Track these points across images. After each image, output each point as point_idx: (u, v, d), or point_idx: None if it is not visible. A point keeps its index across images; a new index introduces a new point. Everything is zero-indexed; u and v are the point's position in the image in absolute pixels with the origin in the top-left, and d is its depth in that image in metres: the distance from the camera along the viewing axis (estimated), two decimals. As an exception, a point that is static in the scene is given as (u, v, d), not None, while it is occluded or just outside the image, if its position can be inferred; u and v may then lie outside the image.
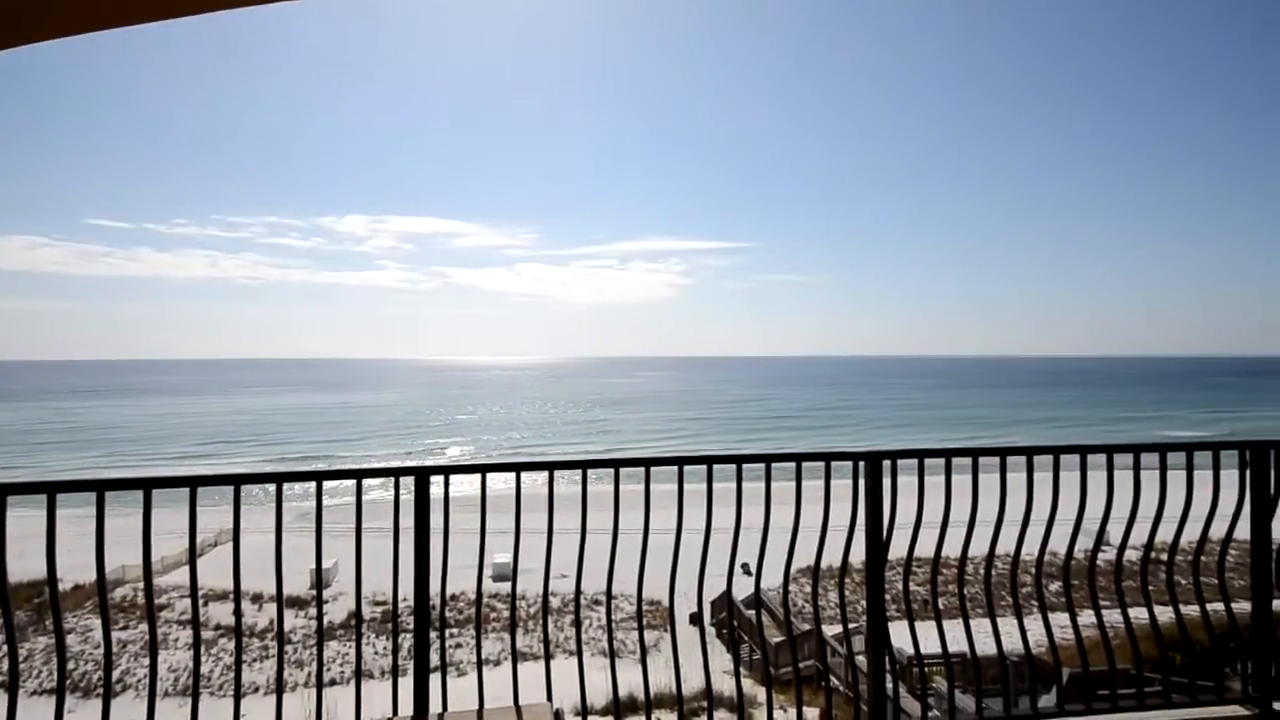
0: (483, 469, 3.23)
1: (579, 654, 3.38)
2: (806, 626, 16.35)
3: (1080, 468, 3.49)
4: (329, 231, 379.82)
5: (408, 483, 3.16)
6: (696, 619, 3.48)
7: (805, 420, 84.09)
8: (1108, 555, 3.91)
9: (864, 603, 3.55)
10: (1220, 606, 3.71)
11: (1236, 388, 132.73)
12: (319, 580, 2.94)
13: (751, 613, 18.90)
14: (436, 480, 3.16)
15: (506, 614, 22.48)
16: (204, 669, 19.08)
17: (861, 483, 3.42)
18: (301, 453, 61.22)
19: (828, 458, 3.44)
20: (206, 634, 21.29)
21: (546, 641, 3.48)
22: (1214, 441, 3.63)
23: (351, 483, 3.16)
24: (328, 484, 3.15)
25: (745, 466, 3.42)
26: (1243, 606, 3.67)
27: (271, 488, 3.08)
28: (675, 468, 3.37)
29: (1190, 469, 3.54)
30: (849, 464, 3.45)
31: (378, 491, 3.30)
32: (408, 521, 3.12)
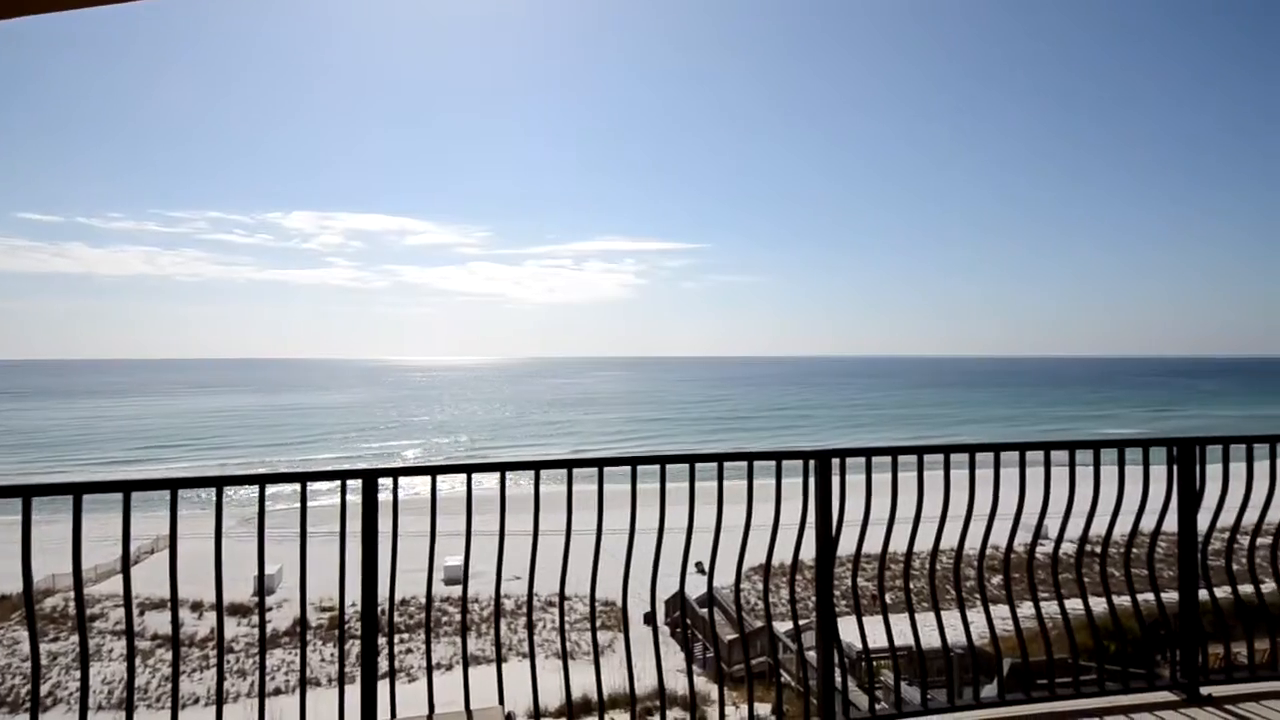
0: (432, 470, 3.17)
1: (531, 656, 3.36)
2: (759, 623, 16.53)
3: (1020, 464, 3.60)
4: (275, 228, 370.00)
5: (356, 486, 3.09)
6: (650, 619, 3.48)
7: (760, 420, 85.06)
8: (1046, 549, 4.05)
9: (815, 599, 3.61)
10: (1151, 596, 3.88)
11: (1173, 387, 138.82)
12: (261, 586, 2.85)
13: (705, 611, 19.03)
14: (385, 483, 3.10)
15: (459, 618, 22.24)
16: (141, 681, 18.36)
17: (812, 481, 3.46)
18: (244, 456, 59.38)
19: (779, 456, 3.48)
20: (143, 644, 20.48)
21: (499, 644, 3.45)
22: (1144, 439, 3.79)
23: (296, 487, 3.08)
24: (272, 488, 3.07)
25: (699, 466, 3.44)
26: (1172, 596, 3.84)
27: (211, 492, 2.97)
28: (629, 468, 3.37)
29: (1122, 465, 3.69)
30: (800, 462, 3.50)
31: (326, 497, 3.21)
32: (355, 525, 3.05)
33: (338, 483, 3.07)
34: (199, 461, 57.81)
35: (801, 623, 12.61)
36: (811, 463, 3.46)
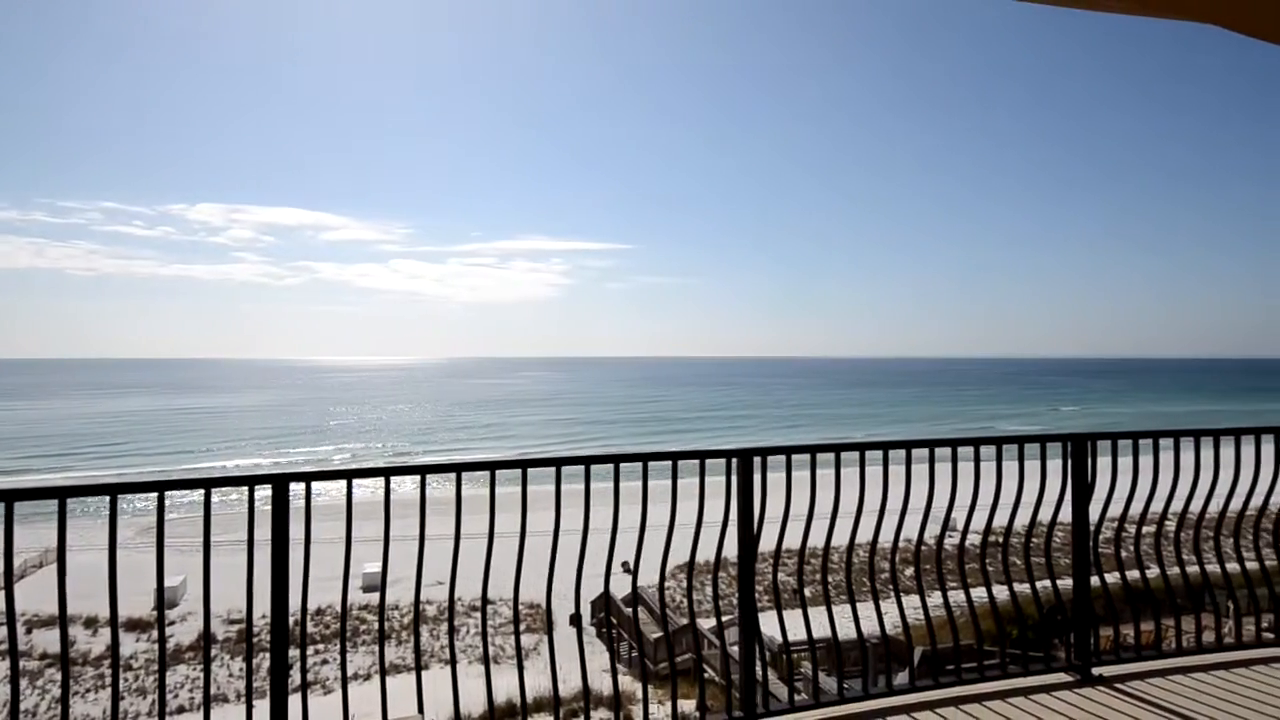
0: (348, 474, 3.07)
1: (452, 662, 3.29)
2: (684, 621, 16.71)
3: (929, 461, 3.76)
4: (178, 220, 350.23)
5: (266, 493, 2.96)
6: (576, 620, 3.47)
7: (687, 420, 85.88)
8: (954, 540, 4.24)
9: (737, 595, 3.67)
10: (1049, 583, 4.12)
11: (1074, 386, 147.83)
12: (160, 599, 2.69)
13: (631, 610, 19.10)
14: (297, 488, 2.98)
15: (377, 626, 21.59)
16: (29, 703, 17.06)
17: (734, 479, 3.53)
18: (143, 462, 55.94)
19: (702, 455, 3.53)
20: (31, 664, 19.03)
21: (418, 651, 3.36)
22: (1042, 435, 4.02)
23: (201, 494, 2.92)
24: (175, 495, 2.90)
25: (623, 466, 3.45)
26: (1067, 583, 4.09)
27: (105, 500, 2.79)
28: (554, 469, 3.35)
29: (1022, 460, 3.91)
30: (723, 461, 3.56)
31: (237, 505, 3.06)
32: (266, 533, 2.92)
33: (245, 489, 2.94)
34: (93, 470, 54.12)
35: (725, 619, 12.83)
36: (734, 461, 3.52)
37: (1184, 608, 4.47)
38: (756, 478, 3.53)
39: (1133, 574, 4.30)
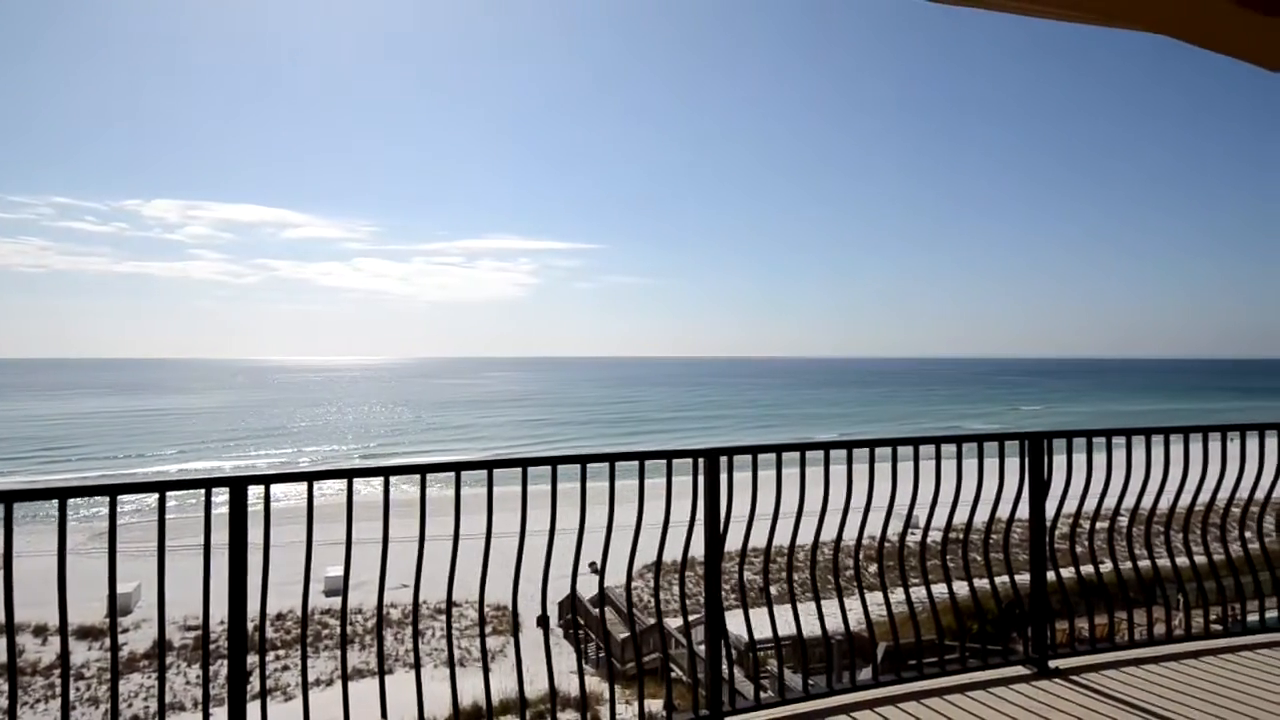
0: (309, 476, 3.02)
1: (416, 666, 3.25)
2: (651, 621, 16.74)
3: (892, 459, 3.82)
4: (132, 216, 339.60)
5: (223, 496, 2.90)
6: (542, 621, 3.46)
7: (656, 420, 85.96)
8: (916, 537, 4.31)
9: (704, 594, 3.69)
10: (1007, 579, 4.21)
11: (1037, 386, 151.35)
12: (112, 605, 2.61)
13: (598, 611, 19.08)
14: (256, 491, 2.92)
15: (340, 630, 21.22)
16: (-30, 718, 16.45)
17: (701, 479, 3.54)
18: (96, 466, 54.31)
19: (669, 455, 3.54)
20: (-26, 677, 18.35)
21: (380, 655, 3.31)
22: (1000, 434, 4.11)
23: (154, 497, 2.85)
24: (129, 500, 2.82)
25: (591, 466, 3.45)
26: (1025, 578, 4.19)
27: (54, 504, 2.70)
28: (520, 470, 3.33)
29: (981, 458, 3.99)
30: (689, 461, 3.57)
31: (195, 510, 2.98)
32: (224, 537, 2.86)
33: (202, 492, 2.87)
34: (43, 474, 52.33)
35: (691, 618, 12.88)
36: (700, 461, 3.54)
37: (1136, 601, 4.60)
38: (723, 477, 3.55)
39: (1087, 569, 4.42)
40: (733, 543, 3.70)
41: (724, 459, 3.56)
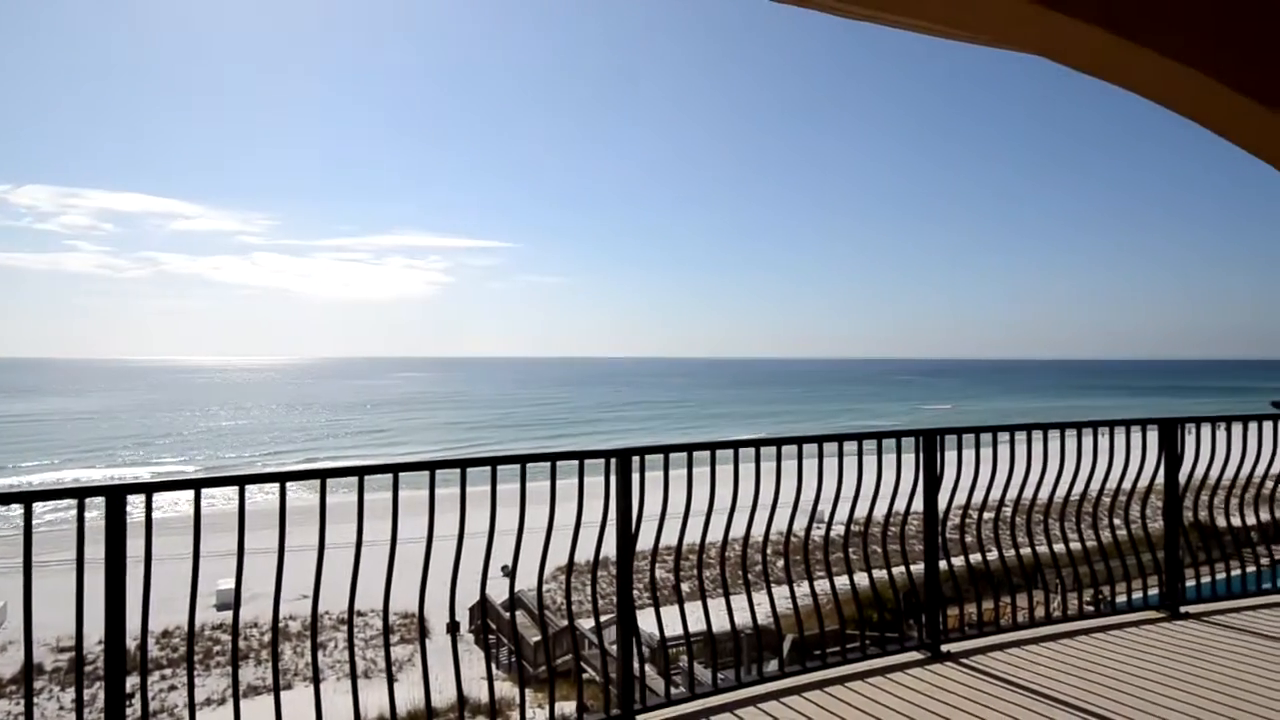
0: (197, 484, 2.84)
1: (315, 680, 3.11)
2: (564, 623, 16.66)
3: (797, 457, 3.95)
4: (0, 203, 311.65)
5: (99, 507, 2.69)
6: (451, 627, 3.38)
7: (568, 421, 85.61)
8: (821, 531, 4.46)
9: (615, 593, 3.70)
10: (904, 569, 4.43)
11: (921, 385, 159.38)
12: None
13: (510, 615, 18.83)
14: (136, 500, 2.73)
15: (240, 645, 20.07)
16: None
17: (613, 479, 3.56)
18: (-45, 476, 49.45)
19: (581, 456, 3.54)
20: None
21: (276, 670, 3.16)
22: (897, 430, 4.32)
23: (20, 509, 2.62)
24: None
25: (501, 468, 3.40)
26: (920, 567, 4.41)
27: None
28: (427, 473, 3.25)
29: (880, 454, 4.18)
30: (601, 461, 3.58)
31: (68, 523, 2.75)
32: (100, 551, 2.66)
33: (75, 502, 2.66)
34: (-112, 484, 47.23)
35: (604, 618, 12.89)
36: (613, 462, 3.55)
37: (1020, 586, 4.93)
38: (635, 477, 3.57)
39: (976, 557, 4.70)
40: (646, 542, 3.73)
41: (636, 459, 3.58)
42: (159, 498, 2.81)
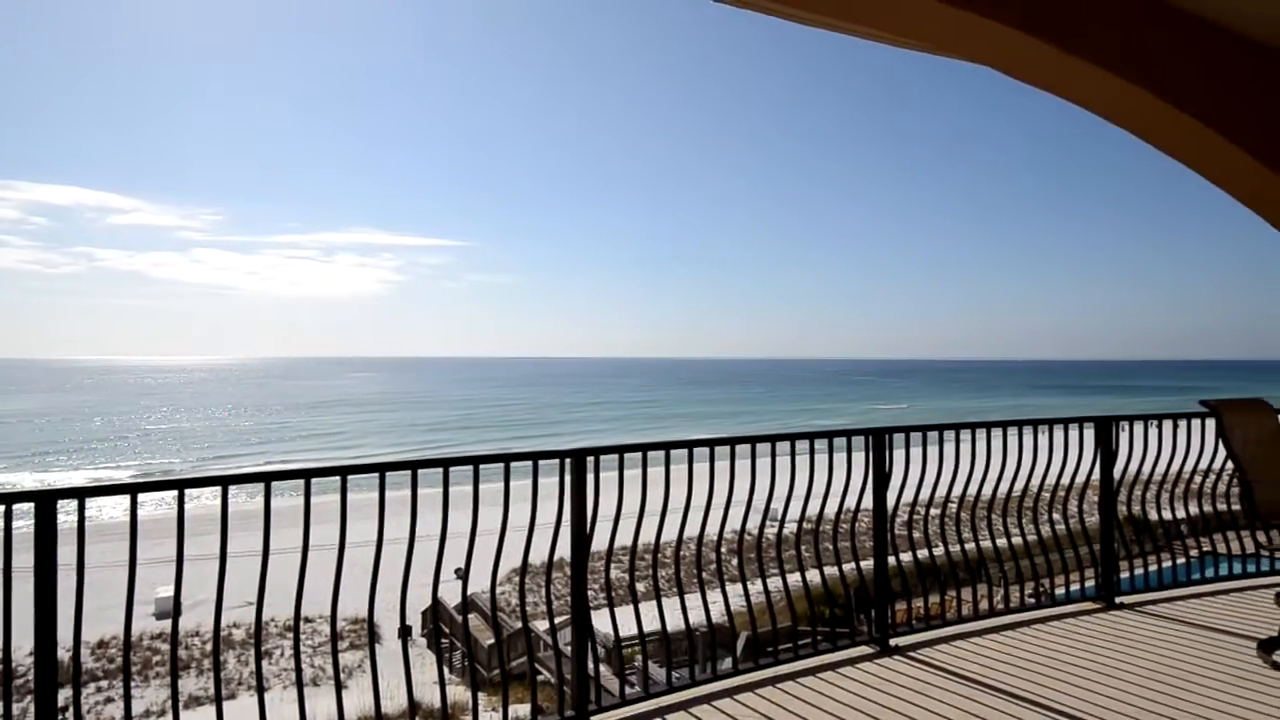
0: (132, 488, 2.74)
1: (259, 689, 3.03)
2: (519, 625, 16.53)
3: (751, 456, 3.99)
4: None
5: (27, 513, 2.58)
6: (404, 631, 3.33)
7: (523, 421, 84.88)
8: (775, 529, 4.52)
9: (570, 594, 3.69)
10: (855, 565, 4.51)
11: (872, 385, 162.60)
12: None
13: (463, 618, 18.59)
14: (68, 505, 2.62)
15: (183, 655, 19.38)
16: None
17: (568, 479, 3.54)
18: None
19: (535, 457, 3.51)
20: None
21: (218, 680, 3.06)
22: (847, 429, 4.40)
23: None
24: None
25: (453, 470, 3.36)
26: (870, 563, 4.50)
27: None
28: (376, 475, 3.19)
29: (831, 452, 4.26)
30: (555, 462, 3.56)
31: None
32: (28, 559, 2.54)
33: (1, 509, 2.54)
34: None
35: (559, 619, 12.84)
36: (567, 462, 3.54)
37: (965, 580, 5.07)
38: (590, 478, 3.57)
39: (924, 553, 4.81)
40: (601, 543, 3.72)
41: (591, 459, 3.58)
42: (94, 503, 2.70)
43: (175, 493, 2.82)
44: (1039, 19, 3.93)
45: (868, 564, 4.46)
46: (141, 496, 2.79)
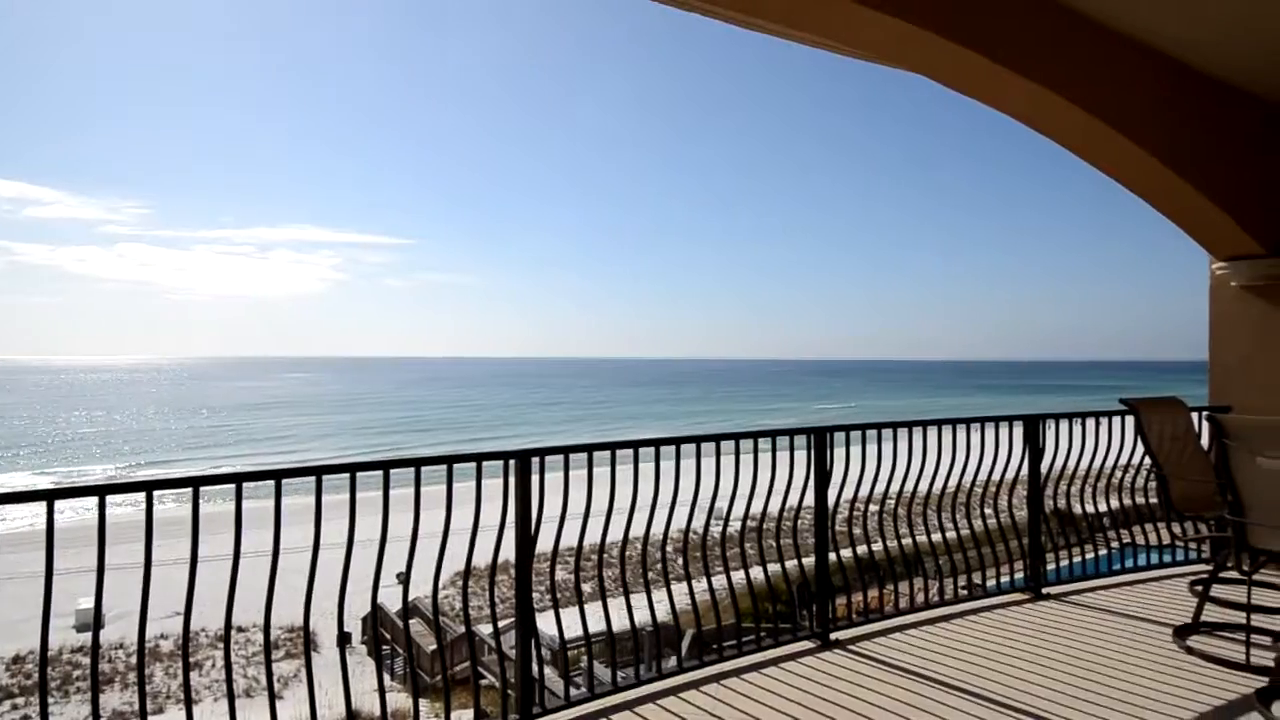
0: (49, 495, 2.60)
1: (187, 702, 2.92)
2: (462, 629, 16.32)
3: (696, 455, 4.02)
4: None
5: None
6: (342, 639, 3.24)
7: (466, 422, 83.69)
8: (720, 528, 4.57)
9: (515, 597, 3.65)
10: (797, 562, 4.59)
11: (821, 384, 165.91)
12: None
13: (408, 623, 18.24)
14: None
15: (106, 669, 18.50)
16: None
17: (512, 480, 3.51)
18: None
19: (479, 458, 3.47)
20: None
21: (143, 694, 2.93)
22: (790, 429, 4.47)
23: None
24: None
25: (394, 472, 3.29)
26: (812, 560, 4.58)
27: None
28: (314, 478, 3.10)
29: (774, 451, 4.33)
30: (499, 463, 3.52)
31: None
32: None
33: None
34: None
35: (503, 623, 12.69)
36: (512, 463, 3.50)
37: (903, 574, 5.21)
38: (535, 479, 3.54)
39: (864, 548, 4.94)
40: (546, 544, 3.69)
41: (536, 460, 3.55)
42: (6, 511, 2.56)
43: (96, 499, 2.69)
44: (970, 30, 4.09)
45: (809, 560, 4.54)
46: (57, 504, 2.65)
